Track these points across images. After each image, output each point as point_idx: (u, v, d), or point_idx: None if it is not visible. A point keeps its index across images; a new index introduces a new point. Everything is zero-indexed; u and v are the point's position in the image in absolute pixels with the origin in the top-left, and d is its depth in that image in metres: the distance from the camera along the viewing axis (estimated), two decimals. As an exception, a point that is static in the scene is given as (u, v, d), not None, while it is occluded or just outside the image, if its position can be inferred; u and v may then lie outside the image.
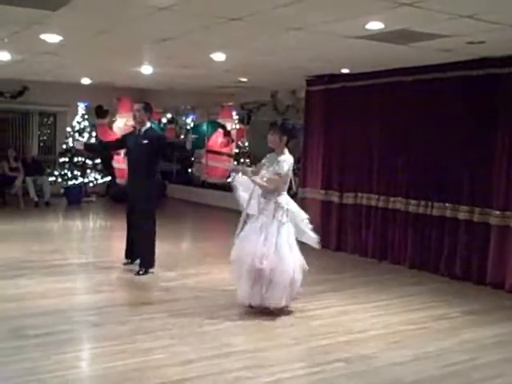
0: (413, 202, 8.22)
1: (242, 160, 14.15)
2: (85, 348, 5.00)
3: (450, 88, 7.74)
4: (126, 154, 7.80)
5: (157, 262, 7.38)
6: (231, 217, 6.64)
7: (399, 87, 8.40)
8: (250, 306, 5.82)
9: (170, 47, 7.50)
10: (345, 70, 9.00)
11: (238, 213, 6.11)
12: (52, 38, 7.13)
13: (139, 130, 7.38)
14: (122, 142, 7.83)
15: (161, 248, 8.09)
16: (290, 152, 5.95)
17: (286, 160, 5.83)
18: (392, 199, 8.55)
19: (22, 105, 14.59)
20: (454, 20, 5.44)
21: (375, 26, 5.84)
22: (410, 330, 5.52)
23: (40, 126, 15.64)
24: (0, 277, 6.92)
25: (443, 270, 7.81)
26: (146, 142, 7.22)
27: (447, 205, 7.77)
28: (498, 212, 7.20)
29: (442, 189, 7.85)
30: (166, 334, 5.14)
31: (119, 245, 7.89)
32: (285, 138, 5.86)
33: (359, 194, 9.06)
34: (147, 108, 7.42)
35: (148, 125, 7.39)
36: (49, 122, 15.83)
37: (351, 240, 9.22)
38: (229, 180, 13.54)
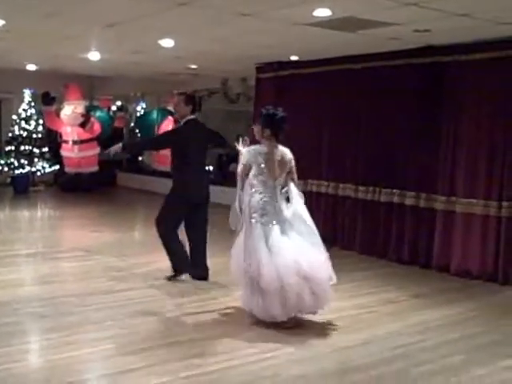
0: (361, 188, 8.32)
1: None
2: (31, 340, 4.90)
3: (398, 76, 7.84)
4: (177, 151, 6.54)
5: (107, 251, 7.30)
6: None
7: (348, 75, 8.47)
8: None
9: (117, 32, 7.37)
10: (294, 58, 9.03)
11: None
12: (-6, 23, 6.93)
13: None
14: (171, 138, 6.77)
15: (111, 237, 8.03)
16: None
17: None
18: (341, 186, 8.64)
19: (-35, 92, 14.17)
20: (399, 8, 5.51)
21: (323, 12, 5.87)
22: (358, 315, 5.60)
23: (-16, 113, 15.22)
24: None
25: (391, 255, 7.95)
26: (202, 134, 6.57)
27: (394, 191, 7.89)
28: (443, 197, 7.36)
29: (389, 175, 7.97)
30: (114, 324, 5.08)
31: (67, 234, 7.75)
32: (267, 130, 5.35)
33: (309, 181, 9.12)
34: (189, 100, 6.52)
35: (190, 116, 6.49)
36: (-6, 110, 15.42)
37: (302, 226, 9.26)
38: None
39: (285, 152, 5.47)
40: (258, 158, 5.24)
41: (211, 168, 14.67)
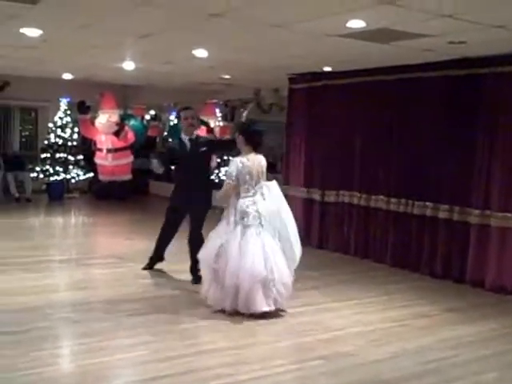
0: (394, 200, 8.26)
1: (225, 157, 14.14)
2: (64, 345, 4.96)
3: (432, 87, 7.77)
4: (178, 164, 7.14)
5: (140, 259, 7.37)
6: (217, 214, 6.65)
7: (382, 86, 8.43)
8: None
9: (151, 43, 7.45)
10: (327, 68, 9.02)
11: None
12: (32, 32, 7.05)
13: (196, 138, 7.04)
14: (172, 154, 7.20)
15: (144, 244, 8.09)
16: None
17: (233, 161, 5.85)
18: (374, 197, 8.58)
19: (3, 100, 14.42)
20: (434, 19, 5.47)
21: (357, 24, 5.85)
22: (390, 328, 5.54)
23: (21, 121, 15.49)
24: (-21, 273, 6.86)
25: (424, 269, 7.86)
26: (204, 149, 6.91)
27: (427, 203, 7.81)
28: (477, 211, 7.25)
29: (422, 188, 7.89)
30: (146, 330, 5.12)
31: (101, 241, 7.83)
32: (242, 139, 5.88)
33: (341, 192, 9.09)
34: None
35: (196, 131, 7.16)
36: (30, 118, 15.70)
37: (333, 238, 9.24)
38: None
39: (260, 159, 5.96)
40: (243, 170, 5.75)
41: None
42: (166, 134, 16.34)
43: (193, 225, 6.85)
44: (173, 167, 7.40)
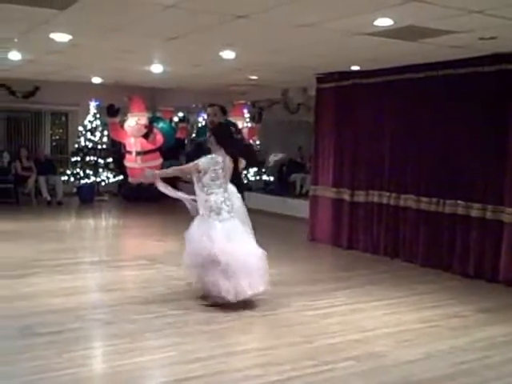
0: (424, 199, 8.17)
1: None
2: (95, 346, 5.01)
3: (462, 85, 7.67)
4: None
5: (170, 261, 7.41)
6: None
7: (411, 84, 8.35)
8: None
9: (178, 45, 7.50)
10: (355, 67, 8.97)
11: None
12: (61, 37, 7.16)
13: None
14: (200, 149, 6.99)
15: (174, 246, 8.13)
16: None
17: (207, 156, 6.05)
18: (403, 197, 8.50)
19: (34, 104, 14.66)
20: (463, 16, 5.40)
21: (384, 22, 5.82)
22: (421, 328, 5.48)
23: (52, 125, 15.70)
24: (12, 275, 6.95)
25: (456, 268, 7.75)
26: None
27: (459, 202, 7.71)
28: (510, 209, 7.13)
29: (453, 186, 7.78)
30: (175, 331, 5.14)
31: (131, 243, 7.90)
32: (214, 139, 6.16)
33: (370, 192, 9.02)
34: (224, 111, 6.86)
35: None
36: (61, 122, 15.90)
37: (363, 238, 9.18)
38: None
39: (228, 160, 6.18)
40: (216, 165, 5.98)
41: (272, 178, 14.72)
42: (194, 135, 16.40)
43: None
44: None
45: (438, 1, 4.99)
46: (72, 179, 14.23)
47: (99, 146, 14.40)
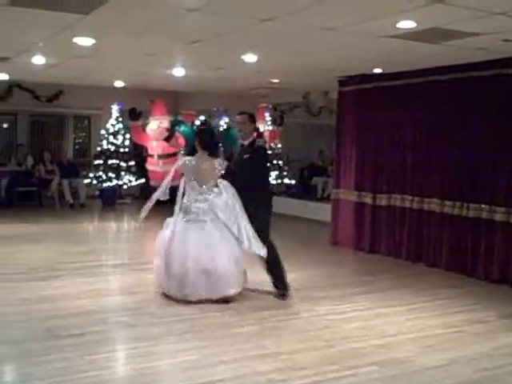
0: (448, 203, 8.09)
1: (274, 161, 14.13)
2: (117, 349, 5.03)
3: (486, 87, 7.59)
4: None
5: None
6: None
7: (433, 87, 8.28)
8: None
9: (201, 49, 7.52)
10: (377, 70, 8.92)
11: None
12: (85, 42, 7.21)
13: (249, 143, 6.62)
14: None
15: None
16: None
17: (182, 159, 6.50)
18: (427, 200, 8.43)
19: (58, 108, 14.80)
20: (486, 18, 5.35)
21: (407, 24, 5.78)
22: (445, 334, 5.42)
23: (75, 128, 15.82)
24: (35, 278, 7.02)
25: (480, 273, 7.66)
26: (247, 156, 6.48)
27: (483, 206, 7.62)
28: (535, 213, 7.04)
29: (477, 190, 7.70)
30: (197, 335, 5.15)
31: (153, 246, 7.89)
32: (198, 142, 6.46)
33: (393, 196, 8.96)
34: (253, 118, 6.78)
35: (252, 137, 6.64)
36: (84, 125, 16.02)
37: (385, 242, 9.11)
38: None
39: (214, 163, 6.33)
40: (188, 168, 6.27)
41: (293, 182, 14.70)
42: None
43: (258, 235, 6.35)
44: None
45: (461, 2, 4.94)
46: (94, 182, 14.33)
47: (121, 150, 14.49)
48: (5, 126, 15.27)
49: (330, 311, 5.97)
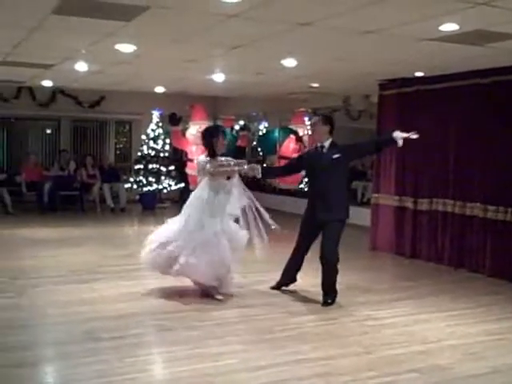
0: (491, 207, 7.92)
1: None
2: (156, 352, 5.04)
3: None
4: (308, 177, 6.95)
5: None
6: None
7: (477, 90, 8.13)
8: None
9: (241, 54, 7.54)
10: (419, 74, 8.81)
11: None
12: (126, 48, 7.30)
13: (321, 147, 6.46)
14: (299, 163, 7.06)
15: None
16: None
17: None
18: (469, 205, 8.27)
19: (100, 114, 15.05)
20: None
21: (450, 27, 5.69)
22: (487, 341, 5.30)
23: (116, 134, 16.07)
24: (76, 280, 7.13)
25: (524, 279, 7.49)
26: (337, 156, 6.32)
27: (528, 211, 7.45)
28: None
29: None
30: (236, 339, 5.14)
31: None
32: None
33: (434, 200, 8.83)
34: (326, 121, 6.53)
35: (329, 139, 6.45)
36: (124, 130, 16.25)
37: (426, 247, 8.98)
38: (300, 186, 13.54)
39: (228, 160, 6.51)
40: (206, 167, 6.40)
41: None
42: (255, 143, 16.47)
43: (326, 239, 6.33)
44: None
45: (506, 4, 4.84)
46: (135, 186, 14.51)
47: (161, 154, 14.64)
48: (48, 131, 15.59)
49: (370, 317, 5.91)
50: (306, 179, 7.02)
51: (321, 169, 6.38)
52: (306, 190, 6.63)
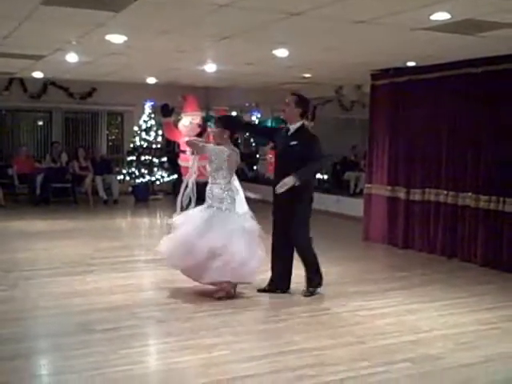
0: (483, 197, 7.95)
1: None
2: (150, 343, 5.05)
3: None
4: (275, 155, 6.65)
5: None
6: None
7: (468, 79, 8.14)
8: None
9: (232, 44, 7.51)
10: (411, 63, 8.81)
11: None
12: (117, 39, 7.27)
13: (287, 129, 6.28)
14: (271, 135, 6.85)
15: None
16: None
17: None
18: (462, 195, 8.30)
19: (91, 105, 14.99)
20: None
21: (441, 16, 5.68)
22: (480, 331, 5.33)
23: (108, 125, 16.02)
24: (69, 273, 7.11)
25: (516, 269, 7.53)
26: (294, 143, 6.13)
27: (519, 200, 7.48)
28: None
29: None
30: (229, 330, 5.14)
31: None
32: (227, 132, 6.26)
33: (427, 190, 8.85)
34: (299, 103, 6.22)
35: (299, 123, 6.23)
36: (117, 122, 16.19)
37: (419, 237, 9.00)
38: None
39: (236, 151, 6.33)
40: (221, 156, 6.14)
41: (326, 177, 14.61)
42: (247, 134, 16.43)
43: (295, 226, 6.20)
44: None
45: (497, -7, 4.85)
46: (127, 178, 14.48)
47: (154, 146, 14.60)
48: (40, 123, 15.52)
49: (362, 307, 5.93)
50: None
51: (280, 150, 6.35)
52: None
